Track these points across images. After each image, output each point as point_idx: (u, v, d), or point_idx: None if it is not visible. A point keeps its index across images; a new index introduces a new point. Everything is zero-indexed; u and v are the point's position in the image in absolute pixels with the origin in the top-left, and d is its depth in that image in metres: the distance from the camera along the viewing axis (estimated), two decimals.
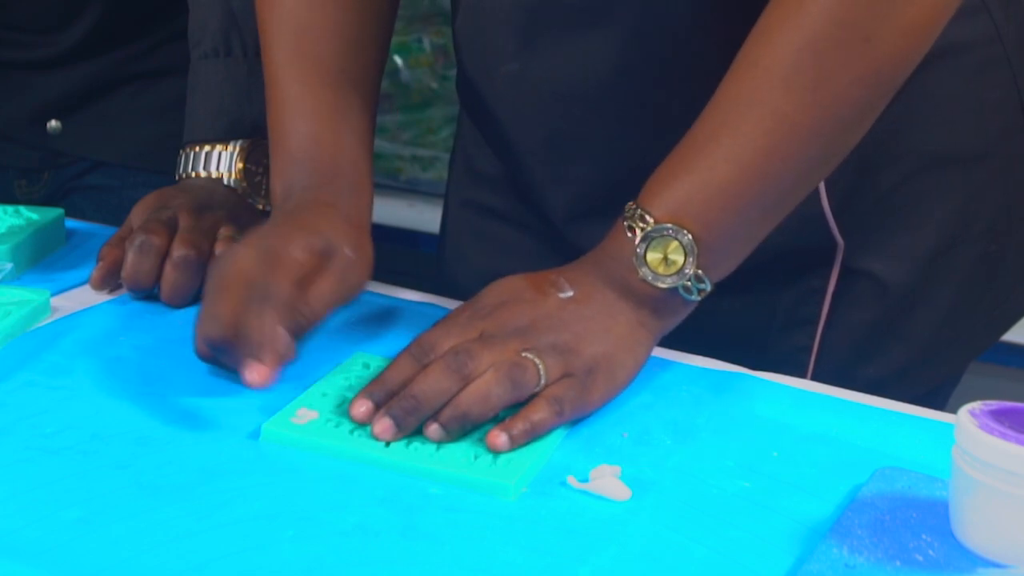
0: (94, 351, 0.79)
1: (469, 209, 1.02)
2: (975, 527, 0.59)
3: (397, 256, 2.40)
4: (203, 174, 0.97)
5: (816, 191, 0.83)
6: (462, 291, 0.94)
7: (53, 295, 0.87)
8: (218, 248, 0.87)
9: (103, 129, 1.24)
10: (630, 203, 0.74)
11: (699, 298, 0.74)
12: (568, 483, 0.65)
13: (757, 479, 0.66)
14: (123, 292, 0.89)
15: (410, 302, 0.90)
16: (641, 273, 0.73)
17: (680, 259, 0.72)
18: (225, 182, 0.96)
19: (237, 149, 0.97)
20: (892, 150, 0.84)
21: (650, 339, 0.75)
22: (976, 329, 0.92)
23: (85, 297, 0.88)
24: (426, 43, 2.19)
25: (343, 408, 0.71)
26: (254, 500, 0.63)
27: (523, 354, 0.69)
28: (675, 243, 0.72)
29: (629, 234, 0.73)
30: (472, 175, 1.01)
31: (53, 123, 1.23)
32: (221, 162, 0.97)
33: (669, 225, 0.72)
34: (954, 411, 0.60)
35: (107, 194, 1.25)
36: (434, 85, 2.21)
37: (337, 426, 0.69)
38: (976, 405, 0.60)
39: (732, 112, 0.72)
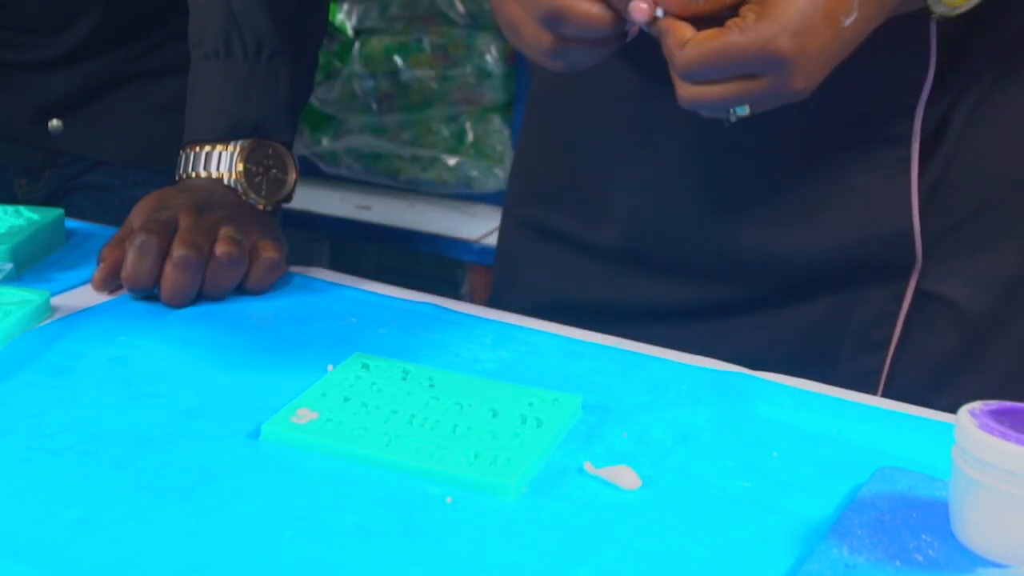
0: (94, 351, 0.79)
1: (525, 228, 1.00)
2: (975, 527, 0.59)
3: (397, 256, 2.40)
4: (203, 174, 0.97)
5: (908, 199, 0.82)
6: (516, 311, 0.93)
7: (53, 295, 0.87)
8: (218, 248, 0.87)
9: (103, 128, 1.25)
10: None
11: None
12: (585, 469, 0.66)
13: (757, 479, 0.67)
14: (123, 292, 0.89)
15: (410, 302, 0.90)
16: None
17: None
18: (225, 182, 0.96)
19: (237, 149, 0.97)
20: (977, 172, 0.82)
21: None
22: None
23: (85, 297, 0.88)
24: (426, 43, 2.19)
25: (343, 408, 0.71)
26: (254, 500, 0.63)
27: None
28: None
29: None
30: (532, 191, 1.00)
31: (54, 122, 1.23)
32: (221, 162, 0.97)
33: None
34: None
35: (107, 193, 1.25)
36: (434, 85, 2.21)
37: (337, 426, 0.69)
38: (976, 405, 0.60)
39: None
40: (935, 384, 0.87)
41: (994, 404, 0.60)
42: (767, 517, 0.63)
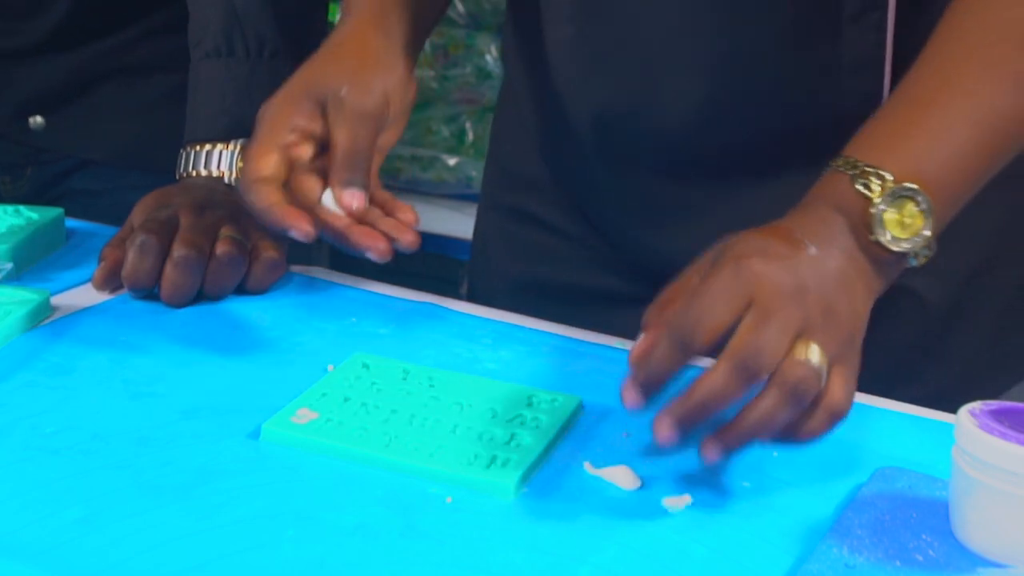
0: (94, 351, 0.79)
1: (500, 212, 1.00)
2: (975, 527, 0.59)
3: (397, 256, 2.41)
4: (203, 173, 0.97)
5: None
6: (489, 300, 0.94)
7: (53, 294, 0.87)
8: (219, 248, 0.87)
9: (88, 126, 1.23)
10: (843, 159, 0.68)
11: (921, 263, 0.69)
12: (585, 469, 0.66)
13: (757, 479, 0.66)
14: (123, 291, 0.89)
15: (410, 302, 0.90)
16: (877, 234, 0.66)
17: (919, 221, 0.66)
18: (226, 181, 0.96)
19: (238, 148, 0.97)
20: None
21: (868, 302, 0.69)
22: (1018, 354, 0.91)
23: (85, 296, 0.88)
24: (426, 43, 2.19)
25: (343, 408, 0.71)
26: (254, 500, 0.63)
27: (809, 357, 0.62)
28: (912, 204, 0.66)
29: (865, 192, 0.66)
30: (507, 177, 1.00)
31: (36, 119, 1.21)
32: (222, 161, 0.96)
33: (910, 185, 0.66)
34: None
35: (97, 199, 1.24)
36: (434, 85, 2.21)
37: (337, 426, 0.69)
38: (976, 405, 0.60)
39: (963, 72, 0.69)
40: (899, 375, 0.87)
41: (994, 404, 0.60)
42: (767, 517, 0.63)
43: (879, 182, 0.66)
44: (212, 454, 0.67)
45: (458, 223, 2.14)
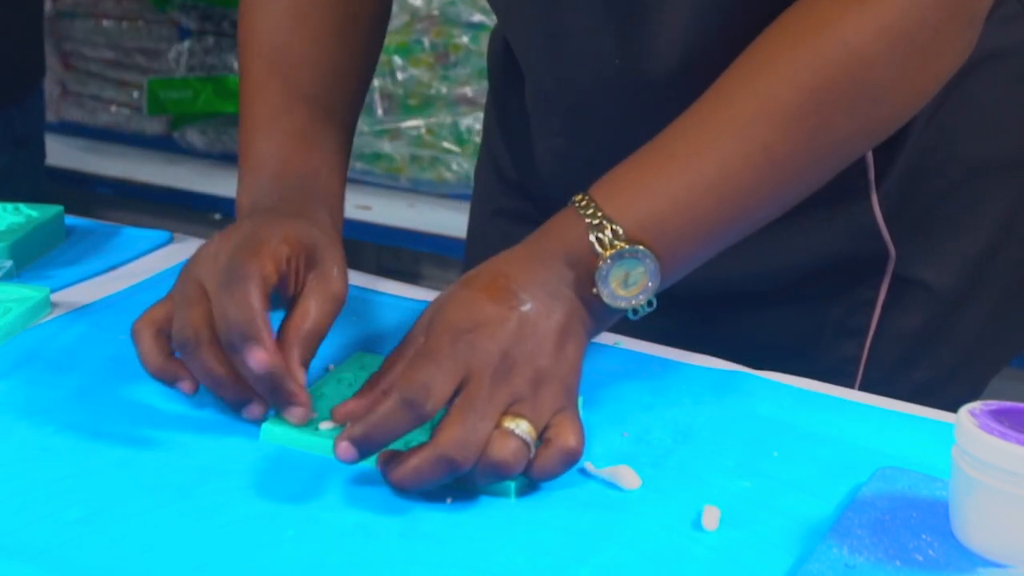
0: (94, 349, 0.79)
1: (502, 217, 1.00)
2: (975, 527, 0.59)
3: (397, 256, 2.40)
4: None
5: (868, 201, 0.83)
6: None
7: (52, 292, 0.87)
8: None
9: None
10: (588, 199, 0.69)
11: (638, 317, 0.70)
12: (585, 469, 0.66)
13: (757, 479, 0.66)
14: (122, 287, 0.89)
15: (410, 301, 0.90)
16: (599, 289, 0.68)
17: (643, 282, 0.68)
18: None
19: None
20: (939, 158, 0.83)
21: (583, 352, 0.69)
22: (1016, 331, 0.93)
23: (84, 293, 0.88)
24: (426, 43, 2.19)
25: None
26: (254, 500, 0.63)
27: (516, 432, 0.63)
28: (640, 267, 0.67)
29: (598, 247, 0.67)
30: (504, 183, 1.00)
31: None
32: None
33: (641, 248, 0.67)
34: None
35: None
36: (434, 85, 2.21)
37: (337, 426, 0.69)
38: (976, 405, 0.60)
39: (721, 138, 0.69)
40: (908, 361, 0.88)
41: (994, 404, 0.60)
42: (767, 517, 0.63)
43: (611, 237, 0.67)
44: (212, 454, 0.67)
45: (458, 223, 2.13)
